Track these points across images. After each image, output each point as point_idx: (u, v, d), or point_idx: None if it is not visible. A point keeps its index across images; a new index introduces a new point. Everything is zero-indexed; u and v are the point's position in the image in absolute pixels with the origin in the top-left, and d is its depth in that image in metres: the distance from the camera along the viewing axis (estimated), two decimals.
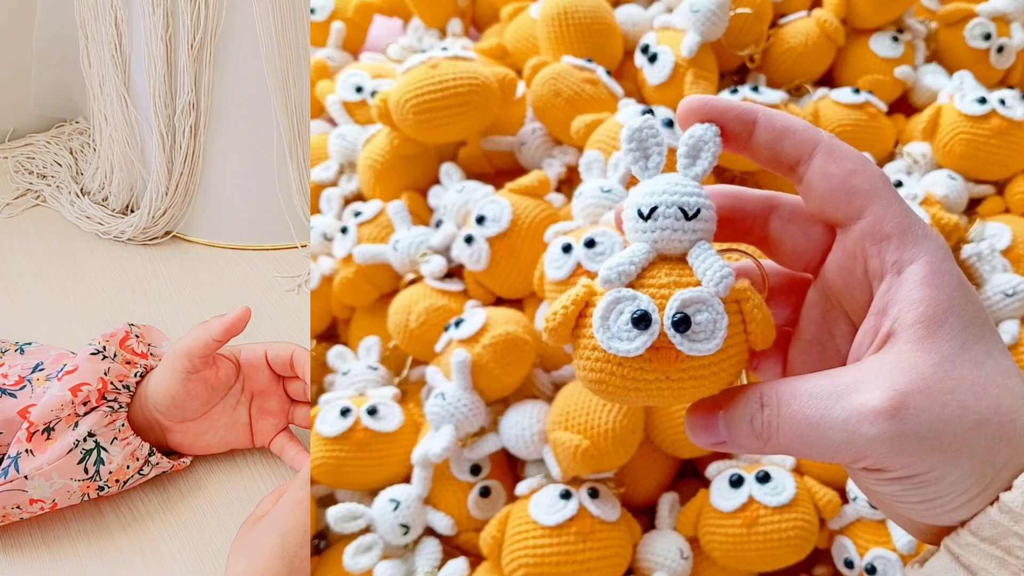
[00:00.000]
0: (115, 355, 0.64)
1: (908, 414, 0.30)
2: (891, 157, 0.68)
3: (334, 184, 0.70)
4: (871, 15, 0.69)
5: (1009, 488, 0.31)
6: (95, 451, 0.61)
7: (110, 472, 0.61)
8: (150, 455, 0.63)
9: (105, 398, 0.61)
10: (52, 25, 0.95)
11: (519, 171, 0.64)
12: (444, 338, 0.57)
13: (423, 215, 0.65)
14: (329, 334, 0.69)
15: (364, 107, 0.71)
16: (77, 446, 0.60)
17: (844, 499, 0.54)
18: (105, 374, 0.62)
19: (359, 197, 0.69)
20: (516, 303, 0.61)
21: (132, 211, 0.93)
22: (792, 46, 0.68)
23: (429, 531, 0.56)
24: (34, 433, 0.59)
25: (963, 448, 0.30)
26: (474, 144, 0.66)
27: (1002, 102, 0.64)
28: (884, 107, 0.68)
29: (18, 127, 1.04)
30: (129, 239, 0.90)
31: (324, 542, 0.59)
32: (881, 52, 0.69)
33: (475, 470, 0.56)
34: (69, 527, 0.63)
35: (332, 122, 0.74)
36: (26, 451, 0.59)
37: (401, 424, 0.57)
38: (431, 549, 0.55)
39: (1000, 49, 0.70)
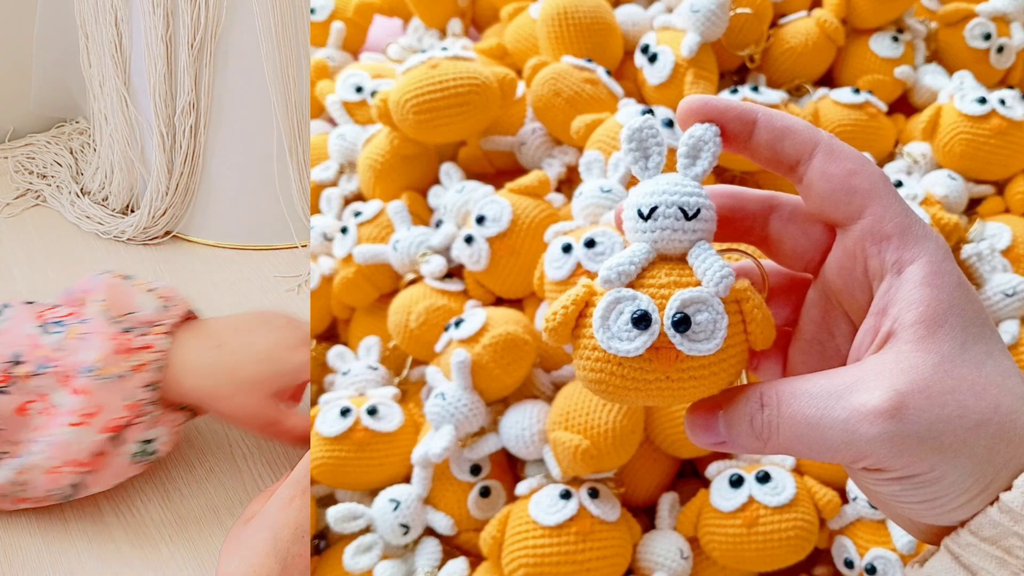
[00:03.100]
0: (125, 371, 0.59)
1: (908, 414, 0.30)
2: (891, 157, 0.68)
3: (334, 184, 0.70)
4: (871, 15, 0.69)
5: (1009, 488, 0.31)
6: (143, 447, 0.61)
7: (163, 451, 0.62)
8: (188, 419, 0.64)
9: (138, 413, 0.60)
10: (52, 25, 0.95)
11: (519, 171, 0.64)
12: (444, 338, 0.57)
13: (423, 215, 0.65)
14: (329, 334, 0.69)
15: (364, 107, 0.71)
16: (127, 457, 0.60)
17: (844, 499, 0.54)
18: (130, 399, 0.59)
19: (359, 197, 0.69)
20: (516, 303, 0.61)
21: (132, 211, 0.93)
22: (792, 46, 0.68)
23: (429, 531, 0.56)
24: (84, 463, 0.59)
25: (963, 448, 0.30)
26: (474, 144, 0.66)
27: (1002, 102, 0.64)
28: (884, 107, 0.68)
29: (18, 127, 1.03)
30: (129, 239, 0.90)
31: (324, 542, 0.59)
32: (881, 52, 0.69)
33: (475, 470, 0.56)
34: (68, 527, 0.63)
35: (332, 122, 0.74)
36: (86, 472, 0.59)
37: (401, 424, 0.57)
38: (431, 549, 0.55)
39: (1000, 49, 0.70)
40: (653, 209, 0.33)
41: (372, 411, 0.57)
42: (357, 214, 0.65)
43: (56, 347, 0.59)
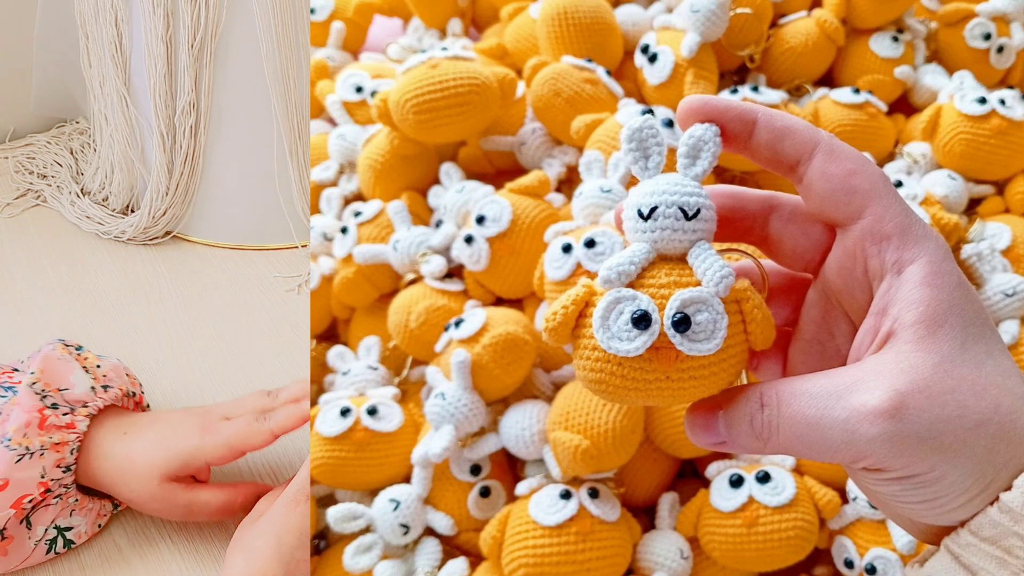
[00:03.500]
0: (42, 447, 0.57)
1: (908, 414, 0.30)
2: (891, 157, 0.68)
3: (334, 184, 0.70)
4: (871, 15, 0.69)
5: (1009, 488, 0.31)
6: (58, 536, 0.59)
7: (82, 542, 0.60)
8: (115, 508, 0.62)
9: (49, 490, 0.58)
10: (52, 25, 0.95)
11: (519, 171, 0.64)
12: (444, 338, 0.57)
13: (423, 215, 0.65)
14: (329, 334, 0.69)
15: (364, 107, 0.71)
16: (40, 542, 0.58)
17: (844, 499, 0.54)
18: (42, 476, 0.57)
19: (359, 197, 0.69)
20: (516, 303, 0.61)
21: (132, 211, 0.93)
22: (792, 46, 0.68)
23: (429, 531, 0.56)
24: None
25: (963, 448, 0.30)
26: (474, 144, 0.66)
27: (1002, 102, 0.64)
28: (884, 107, 0.68)
29: (18, 127, 1.04)
30: (129, 239, 0.90)
31: (324, 542, 0.59)
32: (881, 52, 0.69)
33: (475, 470, 0.56)
34: None
35: (332, 122, 0.74)
36: None
37: (401, 424, 0.57)
38: (431, 549, 0.55)
39: (1000, 49, 0.70)
40: (653, 209, 0.33)
41: (372, 411, 0.57)
42: (357, 214, 0.65)
43: None
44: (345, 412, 0.57)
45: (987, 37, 0.70)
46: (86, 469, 0.60)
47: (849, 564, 0.54)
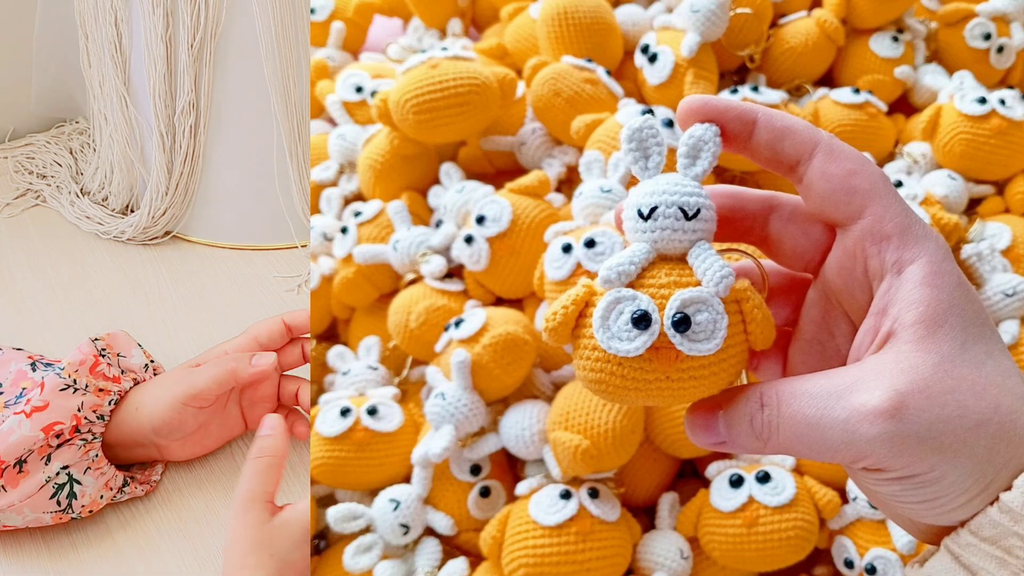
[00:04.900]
0: (87, 386, 0.61)
1: (908, 414, 0.30)
2: (891, 157, 0.68)
3: (334, 184, 0.70)
4: (871, 15, 0.69)
5: (1009, 488, 0.31)
6: (68, 484, 0.60)
7: (83, 505, 0.61)
8: (124, 485, 0.63)
9: (78, 431, 0.60)
10: (52, 25, 0.95)
11: (519, 171, 0.64)
12: (444, 338, 0.57)
13: (423, 215, 0.65)
14: (329, 334, 0.69)
15: (364, 107, 0.71)
16: (49, 481, 0.59)
17: (844, 499, 0.54)
18: (79, 410, 0.60)
19: (359, 197, 0.69)
20: (516, 303, 0.61)
21: (132, 211, 0.93)
22: (792, 46, 0.68)
23: (429, 531, 0.56)
24: (5, 468, 0.58)
25: (963, 448, 0.30)
26: (474, 144, 0.66)
27: (1002, 102, 0.64)
28: (884, 107, 0.68)
29: (18, 127, 1.03)
30: (129, 239, 0.90)
31: (324, 542, 0.59)
32: (881, 52, 0.69)
33: (475, 470, 0.56)
34: (69, 526, 0.63)
35: (332, 122, 0.74)
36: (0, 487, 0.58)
37: (401, 424, 0.57)
38: (431, 549, 0.55)
39: (1000, 49, 0.70)
40: (653, 209, 0.33)
41: (372, 411, 0.57)
42: (357, 214, 0.65)
43: (40, 381, 0.61)
44: (345, 412, 0.57)
45: (987, 37, 0.70)
46: (117, 425, 0.62)
47: (849, 564, 0.54)
